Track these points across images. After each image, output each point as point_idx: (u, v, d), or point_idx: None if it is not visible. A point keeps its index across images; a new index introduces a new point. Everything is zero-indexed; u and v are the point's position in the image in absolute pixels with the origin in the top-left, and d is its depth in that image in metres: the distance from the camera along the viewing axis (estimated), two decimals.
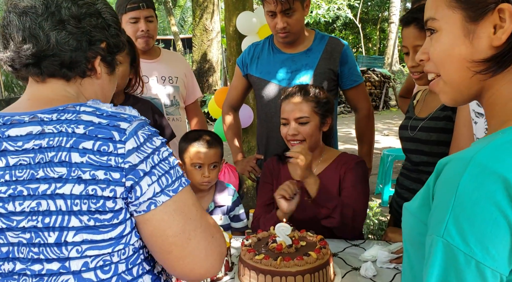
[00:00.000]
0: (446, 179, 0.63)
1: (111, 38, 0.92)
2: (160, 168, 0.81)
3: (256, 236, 1.52)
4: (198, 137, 1.80)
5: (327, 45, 2.09)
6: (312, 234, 1.51)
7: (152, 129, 0.84)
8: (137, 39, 2.21)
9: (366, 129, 2.23)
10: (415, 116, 1.67)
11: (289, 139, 1.72)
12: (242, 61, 2.25)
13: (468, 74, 0.68)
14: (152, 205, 0.80)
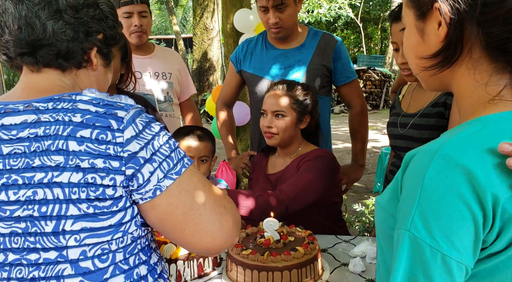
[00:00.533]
0: (412, 172, 0.63)
1: (108, 29, 0.92)
2: (161, 153, 0.81)
3: (244, 231, 1.51)
4: (188, 132, 1.81)
5: (320, 41, 2.08)
6: (301, 229, 1.50)
7: (150, 116, 0.84)
8: (131, 34, 2.21)
9: (359, 126, 2.22)
10: (404, 113, 1.65)
11: (265, 131, 1.76)
12: (236, 57, 2.24)
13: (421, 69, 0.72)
14: (158, 191, 0.80)
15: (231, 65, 2.28)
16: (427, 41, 0.70)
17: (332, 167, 1.72)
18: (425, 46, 0.70)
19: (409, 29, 0.74)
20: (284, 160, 1.83)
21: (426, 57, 0.70)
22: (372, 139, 8.05)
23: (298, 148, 1.81)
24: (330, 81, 2.14)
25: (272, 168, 1.88)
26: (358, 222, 3.16)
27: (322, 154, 1.73)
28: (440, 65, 0.69)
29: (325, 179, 1.67)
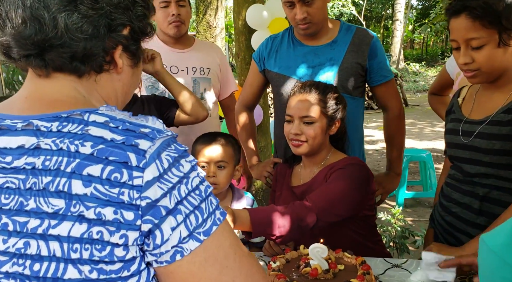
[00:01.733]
0: None
1: (136, 21, 0.71)
2: (189, 203, 0.61)
3: (284, 256, 1.30)
4: (208, 137, 1.64)
5: (354, 37, 1.87)
6: (350, 254, 1.30)
7: (181, 149, 0.63)
8: (168, 24, 2.06)
9: (396, 131, 2.00)
10: (467, 119, 1.44)
11: (291, 139, 1.56)
12: (259, 56, 2.03)
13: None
14: (178, 255, 0.60)
15: (253, 64, 2.07)
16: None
17: (365, 176, 1.53)
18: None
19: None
20: (310, 170, 1.63)
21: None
22: (381, 139, 7.85)
23: (327, 156, 1.61)
24: (364, 81, 1.93)
25: (297, 179, 1.68)
26: (384, 232, 2.95)
27: (353, 162, 1.54)
28: None
29: (359, 188, 1.47)
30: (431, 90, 2.27)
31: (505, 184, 1.35)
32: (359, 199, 1.47)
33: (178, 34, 2.10)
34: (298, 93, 1.57)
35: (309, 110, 1.53)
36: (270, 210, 1.36)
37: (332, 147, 1.64)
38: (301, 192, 1.58)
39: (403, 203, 4.43)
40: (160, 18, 2.06)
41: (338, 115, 1.57)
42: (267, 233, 1.33)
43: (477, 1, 1.26)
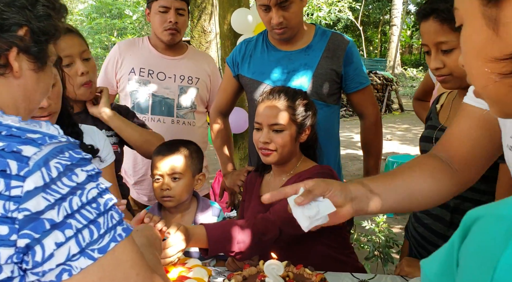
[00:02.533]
0: (477, 247, 0.40)
1: (35, 21, 0.65)
2: (82, 216, 0.54)
3: (241, 273, 1.23)
4: (164, 148, 1.57)
5: (329, 42, 1.81)
6: (311, 270, 1.22)
7: (76, 157, 0.57)
8: (163, 31, 2.01)
9: (373, 139, 1.94)
10: (442, 126, 1.38)
11: (260, 147, 1.49)
12: (233, 60, 1.97)
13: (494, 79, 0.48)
14: (65, 274, 0.53)
15: (227, 69, 2.01)
16: (504, 35, 0.46)
17: None
18: (501, 42, 0.46)
19: (471, 24, 0.50)
20: (280, 179, 1.56)
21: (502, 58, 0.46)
22: None
23: (296, 165, 1.54)
24: (340, 88, 1.87)
25: (266, 188, 1.61)
26: (368, 241, 2.88)
27: (321, 171, 1.46)
28: None
29: None
30: (415, 95, 2.22)
31: (475, 196, 1.28)
32: None
33: (172, 42, 2.06)
34: (267, 100, 1.50)
35: (277, 117, 1.46)
36: (228, 225, 1.29)
37: (303, 155, 1.58)
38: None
39: None
40: (157, 22, 2.01)
41: (308, 122, 1.50)
42: (225, 250, 1.26)
43: (445, 3, 1.21)
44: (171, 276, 1.20)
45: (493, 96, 0.50)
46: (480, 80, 0.49)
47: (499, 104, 0.50)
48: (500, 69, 0.46)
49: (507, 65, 0.45)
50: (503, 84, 0.47)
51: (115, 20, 20.21)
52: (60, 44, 1.53)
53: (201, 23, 10.10)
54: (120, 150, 1.73)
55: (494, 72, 0.46)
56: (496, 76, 0.46)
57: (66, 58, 1.54)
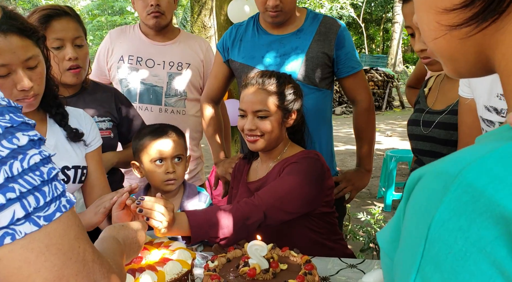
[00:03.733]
0: (415, 206, 0.38)
1: None
2: (25, 181, 0.52)
3: (225, 255, 1.20)
4: (154, 130, 1.52)
5: (320, 26, 1.78)
6: (297, 253, 1.20)
7: (18, 120, 0.54)
8: (147, 15, 1.96)
9: (366, 125, 1.90)
10: (429, 109, 1.35)
11: (246, 134, 1.47)
12: (223, 45, 1.93)
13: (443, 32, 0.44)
14: (8, 237, 0.50)
15: (218, 55, 1.97)
16: None
17: (319, 170, 1.42)
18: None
19: None
20: (267, 165, 1.54)
21: (452, 9, 0.42)
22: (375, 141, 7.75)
23: (283, 150, 1.52)
24: (332, 72, 1.84)
25: (253, 175, 1.59)
26: (363, 233, 2.85)
27: (307, 155, 1.44)
28: (481, 17, 0.40)
29: (311, 184, 1.37)
30: (408, 83, 2.18)
31: None
32: (314, 194, 1.37)
33: (158, 25, 2.00)
34: (250, 86, 1.47)
35: (262, 103, 1.42)
36: (211, 211, 1.26)
37: (290, 140, 1.55)
38: (256, 187, 1.49)
39: (391, 204, 4.33)
40: (140, 8, 1.97)
41: (293, 107, 1.47)
42: (209, 236, 1.23)
43: None
44: (152, 258, 1.17)
45: (444, 52, 0.47)
46: (431, 34, 0.46)
47: (451, 61, 0.47)
48: (450, 20, 0.42)
49: (457, 16, 0.42)
50: (452, 37, 0.44)
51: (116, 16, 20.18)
52: (55, 25, 1.51)
53: (201, 19, 10.09)
54: (113, 135, 1.70)
55: (444, 25, 0.43)
56: (446, 29, 0.43)
57: (57, 40, 1.52)
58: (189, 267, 1.14)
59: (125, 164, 1.72)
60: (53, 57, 1.43)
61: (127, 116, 1.76)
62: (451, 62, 0.48)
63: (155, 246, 1.25)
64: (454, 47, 0.45)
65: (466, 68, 0.47)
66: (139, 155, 1.52)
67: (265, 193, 1.32)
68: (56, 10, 1.52)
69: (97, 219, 1.23)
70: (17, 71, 1.13)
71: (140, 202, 1.11)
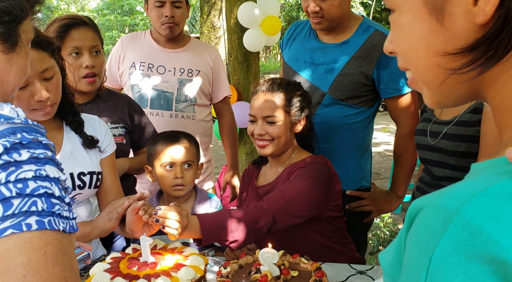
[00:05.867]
0: (417, 237, 0.40)
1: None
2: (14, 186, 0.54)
3: (237, 261, 1.23)
4: (167, 136, 1.56)
5: (367, 40, 1.68)
6: (308, 260, 1.22)
7: (28, 138, 0.57)
8: (161, 25, 2.01)
9: (405, 150, 1.79)
10: (436, 119, 1.36)
11: (256, 138, 1.51)
12: (283, 41, 1.96)
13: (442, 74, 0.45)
14: None
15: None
16: (451, 26, 0.42)
17: (326, 175, 1.45)
18: (447, 34, 0.43)
19: (409, 11, 0.46)
20: (276, 169, 1.57)
21: (454, 53, 0.42)
22: (384, 142, 7.73)
23: (292, 155, 1.55)
24: (371, 90, 1.73)
25: (262, 179, 1.62)
26: (373, 236, 2.86)
27: (316, 160, 1.47)
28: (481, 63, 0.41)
29: (319, 188, 1.40)
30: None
31: None
32: (321, 198, 1.40)
33: (171, 36, 2.05)
34: (261, 92, 1.51)
35: (271, 110, 1.47)
36: (222, 214, 1.29)
37: (298, 146, 1.58)
38: (265, 192, 1.52)
39: (400, 206, 4.32)
40: (154, 17, 2.01)
41: (302, 113, 1.51)
42: (219, 239, 1.26)
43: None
44: (167, 263, 1.20)
45: (435, 88, 0.47)
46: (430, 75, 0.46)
47: (438, 94, 0.48)
48: (446, 64, 0.43)
49: (457, 60, 0.42)
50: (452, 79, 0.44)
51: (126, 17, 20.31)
52: (73, 34, 1.55)
53: (210, 19, 10.11)
54: (125, 141, 1.74)
55: (445, 68, 0.44)
56: (448, 72, 0.44)
57: (75, 49, 1.57)
58: (202, 273, 1.17)
59: (136, 170, 1.76)
60: (69, 66, 1.48)
61: (139, 124, 1.80)
62: (436, 95, 0.48)
63: (169, 252, 1.28)
64: (448, 85, 0.46)
65: (452, 101, 0.48)
66: (151, 159, 1.56)
67: (274, 196, 1.35)
68: (75, 19, 1.57)
69: (111, 225, 1.27)
70: (34, 83, 1.17)
71: (157, 212, 1.15)
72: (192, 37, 2.25)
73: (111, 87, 2.06)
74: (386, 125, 9.61)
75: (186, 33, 8.37)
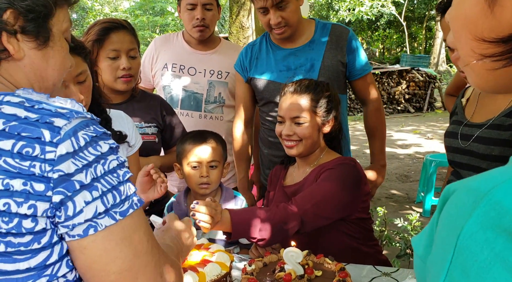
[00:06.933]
0: (448, 217, 0.43)
1: (18, 1, 0.67)
2: (106, 182, 0.63)
3: (262, 260, 1.25)
4: (195, 136, 1.61)
5: (331, 34, 1.84)
6: (332, 260, 1.23)
7: (100, 131, 0.64)
8: (192, 28, 2.06)
9: (377, 123, 1.97)
10: (467, 121, 1.34)
11: (284, 139, 1.53)
12: (241, 66, 1.97)
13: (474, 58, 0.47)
14: (91, 229, 0.61)
15: (238, 76, 1.99)
16: (498, 14, 0.44)
17: (356, 176, 1.46)
18: (493, 21, 0.44)
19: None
20: (303, 170, 1.58)
21: (490, 40, 0.44)
22: (415, 144, 7.58)
23: (320, 156, 1.56)
24: (345, 76, 1.91)
25: (290, 179, 1.64)
26: (400, 239, 2.82)
27: (344, 162, 1.48)
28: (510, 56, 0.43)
29: (347, 189, 1.41)
30: (447, 91, 2.15)
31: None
32: (349, 200, 1.41)
33: (201, 38, 2.10)
34: (289, 93, 1.53)
35: (298, 111, 1.49)
36: (252, 211, 1.32)
37: (326, 146, 1.59)
38: (292, 192, 1.54)
39: (430, 209, 4.24)
40: (186, 20, 2.07)
41: (330, 114, 1.52)
42: (248, 235, 1.29)
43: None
44: (194, 259, 1.24)
45: (471, 71, 0.50)
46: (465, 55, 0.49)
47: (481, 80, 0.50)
48: (480, 50, 0.45)
49: (490, 48, 0.44)
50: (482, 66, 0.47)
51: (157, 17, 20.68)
52: (113, 37, 1.63)
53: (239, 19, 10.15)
54: (158, 140, 1.80)
55: (477, 53, 0.46)
56: (478, 56, 0.46)
57: (114, 51, 1.63)
58: (227, 269, 1.20)
59: (167, 168, 1.81)
60: (107, 66, 1.55)
61: (170, 124, 1.86)
62: (478, 79, 0.50)
63: (196, 248, 1.32)
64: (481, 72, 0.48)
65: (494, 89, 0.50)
66: (180, 158, 1.61)
67: (302, 198, 1.36)
68: (115, 23, 1.64)
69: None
70: (70, 86, 1.24)
71: (195, 206, 1.19)
72: (222, 39, 2.29)
73: (144, 87, 2.13)
74: (417, 127, 9.42)
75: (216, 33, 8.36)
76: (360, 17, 16.79)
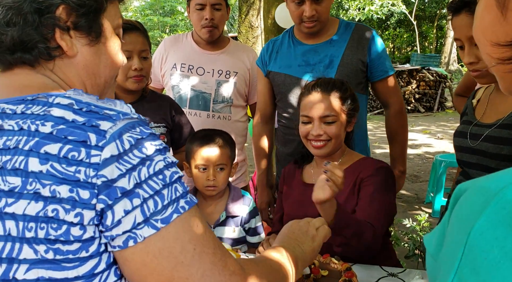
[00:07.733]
0: (458, 216, 0.44)
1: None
2: (149, 187, 0.59)
3: None
4: (204, 137, 1.60)
5: (353, 33, 1.85)
6: (338, 260, 1.23)
7: (147, 132, 0.62)
8: (201, 28, 2.07)
9: (398, 127, 1.94)
10: (477, 121, 1.33)
11: (311, 139, 1.49)
12: (262, 60, 2.00)
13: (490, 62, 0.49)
14: (131, 241, 0.58)
15: (259, 71, 2.03)
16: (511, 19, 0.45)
17: (394, 179, 1.50)
18: (507, 26, 0.46)
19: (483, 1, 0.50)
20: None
21: (505, 44, 0.46)
22: (425, 144, 7.52)
23: (342, 155, 1.56)
24: (366, 76, 1.89)
25: (308, 177, 1.61)
26: (409, 239, 2.81)
27: (381, 165, 1.49)
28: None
29: (393, 192, 1.47)
30: (456, 91, 2.14)
31: None
32: (394, 202, 1.46)
33: (210, 39, 2.11)
34: (315, 92, 1.50)
35: (329, 109, 1.47)
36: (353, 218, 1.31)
37: (345, 144, 1.59)
38: None
39: (439, 209, 4.20)
40: (195, 20, 2.08)
41: (355, 113, 1.53)
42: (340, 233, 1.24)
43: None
44: None
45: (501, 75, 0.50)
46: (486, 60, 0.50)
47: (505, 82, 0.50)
48: (495, 54, 0.46)
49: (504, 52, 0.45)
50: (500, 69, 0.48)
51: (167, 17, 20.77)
52: (125, 38, 1.64)
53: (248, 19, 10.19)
54: (167, 140, 1.81)
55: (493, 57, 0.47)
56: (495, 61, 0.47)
57: (126, 52, 1.64)
58: None
59: None
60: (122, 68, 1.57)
61: (179, 124, 1.87)
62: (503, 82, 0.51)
63: None
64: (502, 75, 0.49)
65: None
66: (188, 158, 1.62)
67: (370, 215, 1.34)
68: (128, 24, 1.65)
69: None
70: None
71: (327, 165, 1.18)
72: (231, 39, 2.30)
73: (154, 87, 2.15)
74: (427, 127, 9.35)
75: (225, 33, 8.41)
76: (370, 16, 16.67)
